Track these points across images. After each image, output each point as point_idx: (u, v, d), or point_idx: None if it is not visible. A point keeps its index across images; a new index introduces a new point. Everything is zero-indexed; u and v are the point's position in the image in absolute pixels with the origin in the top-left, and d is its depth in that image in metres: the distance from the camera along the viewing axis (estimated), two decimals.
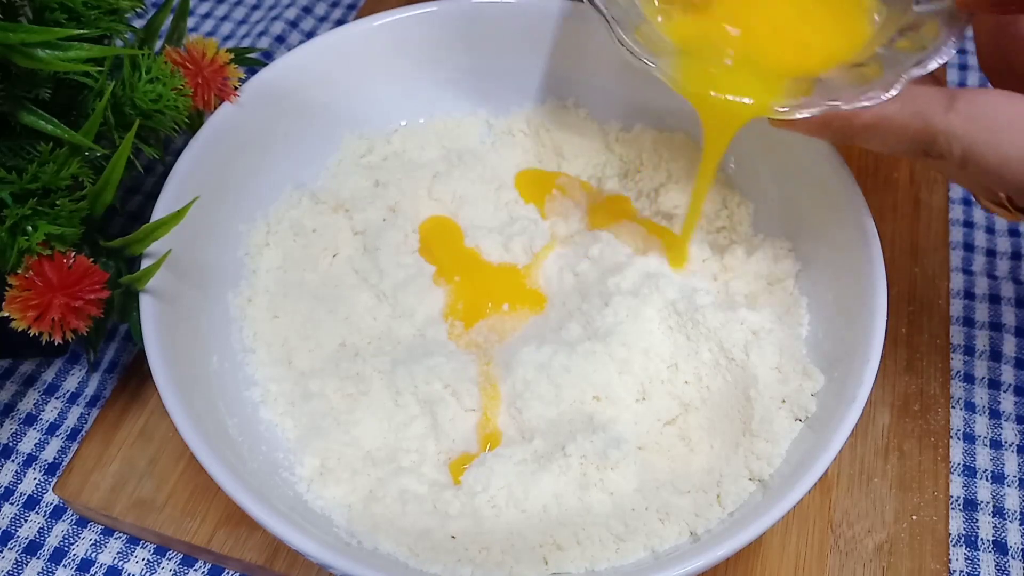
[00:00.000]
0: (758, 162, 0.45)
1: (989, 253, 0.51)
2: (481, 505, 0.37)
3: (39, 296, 0.34)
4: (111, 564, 0.41)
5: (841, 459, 0.43)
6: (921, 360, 0.46)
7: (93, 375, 0.47)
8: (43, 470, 0.44)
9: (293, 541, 0.32)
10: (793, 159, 0.43)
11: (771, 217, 0.45)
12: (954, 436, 0.44)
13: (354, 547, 0.36)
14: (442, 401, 0.40)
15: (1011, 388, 0.46)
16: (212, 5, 0.65)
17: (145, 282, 0.37)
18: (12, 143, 0.36)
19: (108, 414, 0.44)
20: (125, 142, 0.36)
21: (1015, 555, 0.41)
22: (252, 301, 0.44)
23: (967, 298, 0.49)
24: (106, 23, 0.37)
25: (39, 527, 0.42)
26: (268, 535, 0.32)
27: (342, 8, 0.64)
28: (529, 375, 0.40)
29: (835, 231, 0.41)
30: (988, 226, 0.52)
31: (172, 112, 0.39)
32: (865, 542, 0.41)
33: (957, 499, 0.43)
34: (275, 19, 0.62)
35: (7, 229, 0.34)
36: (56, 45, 0.33)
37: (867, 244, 0.39)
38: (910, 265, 0.49)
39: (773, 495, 0.35)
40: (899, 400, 0.45)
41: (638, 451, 0.39)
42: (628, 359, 0.40)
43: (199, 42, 0.41)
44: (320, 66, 0.46)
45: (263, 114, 0.44)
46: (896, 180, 0.53)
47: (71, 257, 0.34)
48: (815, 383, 0.38)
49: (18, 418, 0.45)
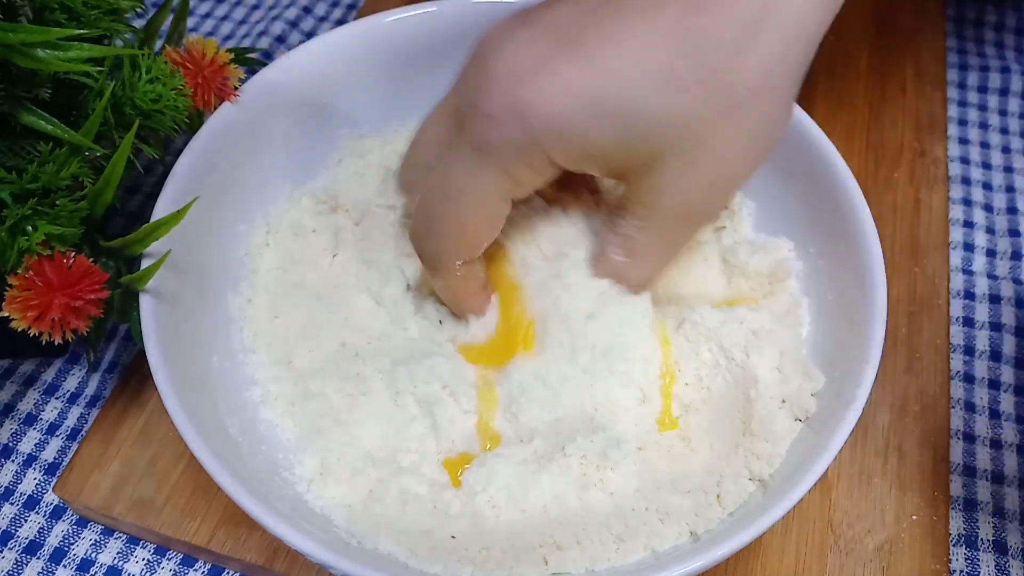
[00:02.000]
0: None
1: (989, 253, 0.51)
2: (481, 505, 0.37)
3: (39, 296, 0.33)
4: (111, 564, 0.41)
5: (841, 459, 0.43)
6: (921, 360, 0.46)
7: (93, 375, 0.47)
8: (43, 470, 0.44)
9: (293, 541, 0.32)
10: (794, 159, 0.43)
11: (772, 217, 0.45)
12: (954, 436, 0.44)
13: (354, 547, 0.36)
14: (441, 402, 0.40)
15: (1011, 388, 0.46)
16: (212, 5, 0.65)
17: (145, 282, 0.37)
18: (12, 143, 0.36)
19: (108, 414, 0.44)
20: (125, 142, 0.36)
21: (1015, 555, 0.41)
22: (252, 301, 0.44)
23: (967, 298, 0.49)
24: (106, 23, 0.37)
25: (39, 527, 0.42)
26: (268, 535, 0.32)
27: (342, 8, 0.64)
28: (526, 381, 0.40)
29: (835, 231, 0.41)
30: (988, 226, 0.52)
31: (172, 112, 0.39)
32: (865, 542, 0.41)
33: (957, 499, 0.43)
34: (275, 19, 0.62)
35: (7, 229, 0.34)
36: (56, 45, 0.33)
37: (867, 244, 0.39)
38: (910, 265, 0.49)
39: (773, 495, 0.35)
40: (899, 400, 0.45)
41: (638, 451, 0.39)
42: (628, 371, 0.40)
43: (199, 42, 0.41)
44: (320, 66, 0.46)
45: (263, 114, 0.44)
46: (896, 180, 0.53)
47: (71, 257, 0.34)
48: (815, 383, 0.38)
49: (18, 418, 0.45)
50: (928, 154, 0.54)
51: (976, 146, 0.56)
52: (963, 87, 0.59)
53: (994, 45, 0.61)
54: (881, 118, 0.55)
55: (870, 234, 0.39)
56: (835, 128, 0.53)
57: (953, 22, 0.62)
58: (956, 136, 0.56)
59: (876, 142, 0.54)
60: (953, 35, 0.61)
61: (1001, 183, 0.54)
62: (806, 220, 0.43)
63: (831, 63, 0.58)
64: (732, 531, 0.33)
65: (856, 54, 0.59)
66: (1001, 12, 0.63)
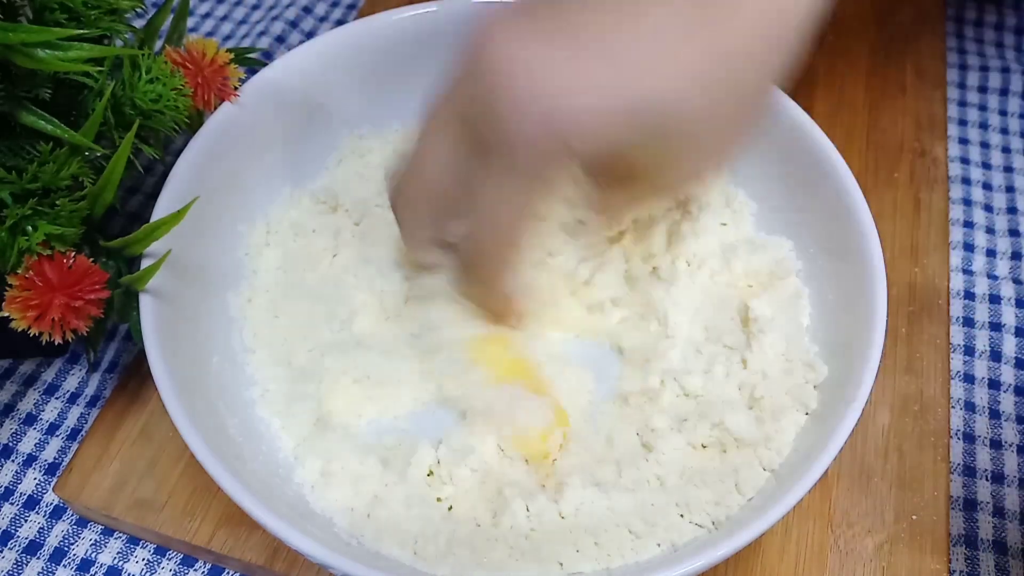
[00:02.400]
0: (761, 162, 0.45)
1: (989, 253, 0.51)
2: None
3: (39, 296, 0.33)
4: (111, 564, 0.41)
5: (841, 459, 0.43)
6: (921, 360, 0.46)
7: (93, 375, 0.47)
8: (43, 470, 0.44)
9: (293, 541, 0.32)
10: (794, 159, 0.43)
11: (773, 217, 0.45)
12: (954, 436, 0.45)
13: (354, 547, 0.36)
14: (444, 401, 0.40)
15: (1011, 388, 0.46)
16: (212, 5, 0.65)
17: (145, 282, 0.37)
18: (12, 143, 0.36)
19: (108, 414, 0.44)
20: (125, 142, 0.36)
21: (1015, 555, 0.41)
22: (252, 301, 0.44)
23: (967, 298, 0.49)
24: (106, 23, 0.37)
25: (39, 527, 0.42)
26: (268, 535, 0.32)
27: (342, 8, 0.64)
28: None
29: (835, 231, 0.41)
30: (988, 226, 0.52)
31: (172, 112, 0.39)
32: (865, 542, 0.41)
33: (957, 499, 0.43)
34: (275, 19, 0.62)
35: (7, 229, 0.34)
36: (56, 45, 0.33)
37: (867, 244, 0.39)
38: (910, 265, 0.49)
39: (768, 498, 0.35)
40: (899, 400, 0.45)
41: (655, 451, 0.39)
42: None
43: (199, 42, 0.41)
44: (320, 66, 0.46)
45: (263, 114, 0.44)
46: (896, 180, 0.53)
47: (71, 257, 0.34)
48: (818, 375, 0.39)
49: (18, 418, 0.45)
50: (928, 154, 0.54)
51: (976, 146, 0.56)
52: (963, 87, 0.59)
53: (994, 45, 0.61)
54: (881, 118, 0.55)
55: (870, 234, 0.39)
56: (835, 128, 0.53)
57: (953, 22, 0.62)
58: (956, 136, 0.56)
59: (876, 142, 0.54)
60: (953, 35, 0.61)
61: (1001, 183, 0.54)
62: (806, 220, 0.43)
63: (831, 63, 0.58)
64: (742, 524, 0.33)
65: (856, 54, 0.59)
66: (1001, 12, 0.63)
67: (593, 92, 0.31)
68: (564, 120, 0.31)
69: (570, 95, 0.31)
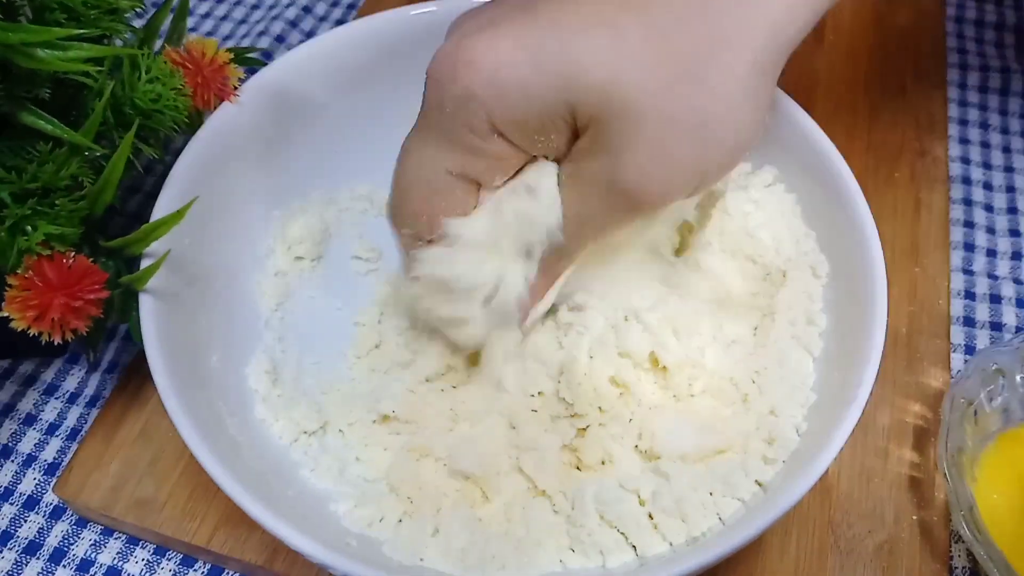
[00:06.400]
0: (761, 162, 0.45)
1: (989, 253, 0.51)
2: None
3: (39, 296, 0.33)
4: (111, 564, 0.41)
5: (841, 459, 0.43)
6: (921, 360, 0.46)
7: (93, 375, 0.47)
8: (43, 470, 0.44)
9: (293, 541, 0.32)
10: (794, 159, 0.43)
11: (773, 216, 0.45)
12: None
13: (354, 547, 0.36)
14: (444, 401, 0.40)
15: None
16: (212, 5, 0.65)
17: (145, 282, 0.37)
18: (12, 143, 0.36)
19: (108, 414, 0.44)
20: (125, 142, 0.36)
21: None
22: (253, 301, 0.44)
23: (967, 298, 0.49)
24: (106, 23, 0.37)
25: (39, 527, 0.42)
26: (268, 535, 0.32)
27: (342, 8, 0.64)
28: None
29: (835, 231, 0.41)
30: (988, 226, 0.52)
31: (172, 112, 0.39)
32: (865, 542, 0.41)
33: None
34: (275, 19, 0.62)
35: (7, 229, 0.34)
36: (56, 45, 0.33)
37: (867, 244, 0.39)
38: (910, 265, 0.49)
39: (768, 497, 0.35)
40: (899, 400, 0.45)
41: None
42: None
43: (199, 42, 0.41)
44: (320, 66, 0.46)
45: (263, 114, 0.44)
46: (896, 180, 0.53)
47: (71, 257, 0.34)
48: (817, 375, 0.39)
49: (18, 418, 0.45)
50: (928, 154, 0.54)
51: (976, 146, 0.56)
52: (963, 87, 0.59)
53: (994, 45, 0.61)
54: (881, 118, 0.55)
55: (870, 234, 0.39)
56: (835, 128, 0.53)
57: (953, 22, 0.62)
58: (956, 136, 0.56)
59: (876, 142, 0.54)
60: (953, 35, 0.61)
61: (1001, 183, 0.54)
62: (806, 220, 0.43)
63: (831, 63, 0.58)
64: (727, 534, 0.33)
65: (856, 54, 0.59)
66: (1001, 12, 0.63)
67: (499, 39, 0.32)
68: (468, 63, 0.32)
69: (477, 42, 0.32)
